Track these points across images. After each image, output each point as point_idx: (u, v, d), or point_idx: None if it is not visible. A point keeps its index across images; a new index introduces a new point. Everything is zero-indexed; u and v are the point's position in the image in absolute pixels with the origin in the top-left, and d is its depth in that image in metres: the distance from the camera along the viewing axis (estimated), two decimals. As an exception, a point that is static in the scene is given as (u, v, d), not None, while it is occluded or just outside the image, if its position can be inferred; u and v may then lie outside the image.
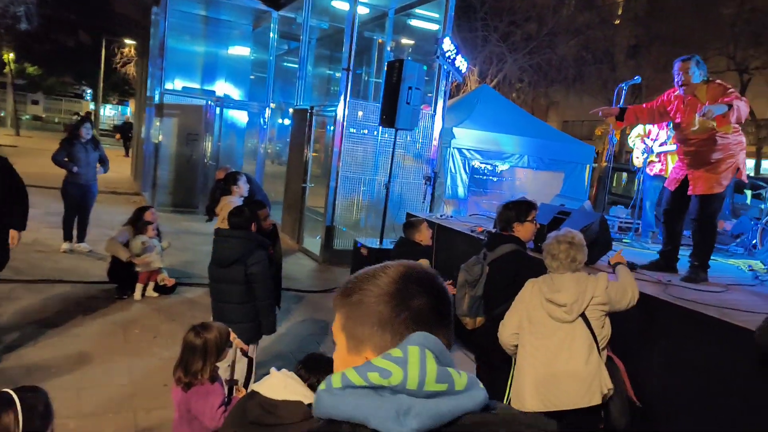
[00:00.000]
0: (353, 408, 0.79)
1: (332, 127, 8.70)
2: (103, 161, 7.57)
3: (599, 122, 26.48)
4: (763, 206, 8.50)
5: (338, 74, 11.63)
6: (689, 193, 4.51)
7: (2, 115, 31.18)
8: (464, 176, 10.20)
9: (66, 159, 7.14)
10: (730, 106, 3.93)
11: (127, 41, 28.11)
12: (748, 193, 10.18)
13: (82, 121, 7.55)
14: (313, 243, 9.01)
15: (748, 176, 10.85)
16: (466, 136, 10.13)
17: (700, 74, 4.36)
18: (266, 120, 12.62)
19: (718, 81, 4.38)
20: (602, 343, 2.93)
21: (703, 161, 4.41)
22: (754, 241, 6.26)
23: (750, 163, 20.63)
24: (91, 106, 32.98)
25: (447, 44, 8.23)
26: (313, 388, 2.27)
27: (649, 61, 19.76)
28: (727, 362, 2.98)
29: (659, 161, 6.75)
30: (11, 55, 31.27)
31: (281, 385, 2.16)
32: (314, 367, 2.30)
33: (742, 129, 4.58)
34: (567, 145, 11.52)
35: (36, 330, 4.65)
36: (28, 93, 34.82)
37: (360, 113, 8.70)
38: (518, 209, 3.52)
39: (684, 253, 4.83)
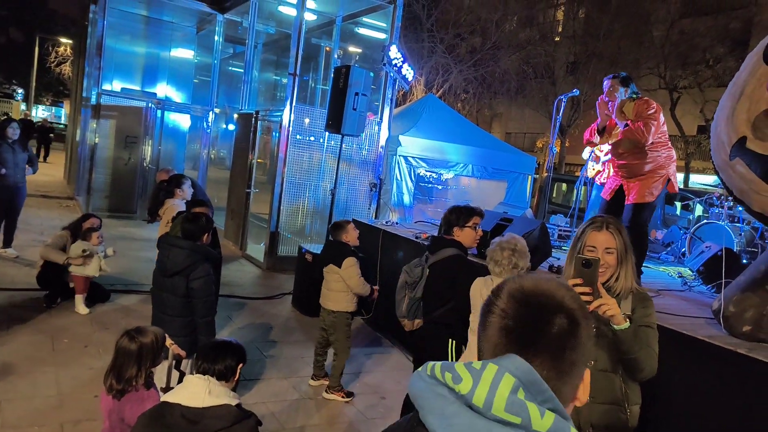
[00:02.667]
0: (418, 394, 0.85)
1: (278, 133, 8.60)
2: (32, 162, 7.20)
3: (540, 134, 27.40)
4: (691, 217, 9.01)
5: (284, 80, 11.51)
6: (626, 202, 4.73)
7: None
8: (410, 184, 10.29)
9: (-9, 160, 6.75)
10: (626, 125, 4.28)
11: (63, 40, 26.92)
12: (678, 204, 10.75)
13: (8, 121, 7.15)
14: (257, 249, 8.85)
15: (679, 188, 11.49)
16: (412, 144, 10.24)
17: (626, 91, 4.60)
18: (209, 124, 12.35)
19: (645, 98, 4.62)
20: None
21: (636, 172, 4.63)
22: (683, 250, 6.59)
23: (679, 176, 21.79)
24: (23, 107, 31.27)
25: (394, 52, 8.31)
26: (221, 375, 2.21)
27: (587, 77, 20.63)
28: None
29: (604, 170, 7.03)
30: (-67, 51, 29.41)
31: (204, 391, 2.08)
32: (214, 356, 2.25)
33: (672, 144, 4.85)
34: (510, 156, 11.83)
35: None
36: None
37: (306, 119, 8.64)
38: (458, 214, 3.55)
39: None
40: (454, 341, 3.33)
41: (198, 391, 2.08)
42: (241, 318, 5.90)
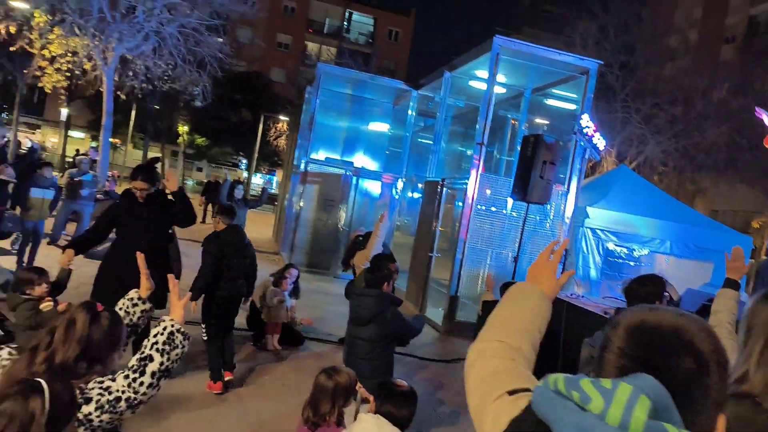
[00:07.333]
0: (547, 409, 0.82)
1: (461, 200, 8.86)
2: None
3: (756, 213, 24.04)
4: None
5: (469, 151, 11.91)
6: None
7: (171, 179, 35.64)
8: (597, 257, 9.73)
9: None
10: None
11: (282, 117, 31.34)
12: None
13: (236, 183, 8.47)
14: (436, 313, 9.00)
15: None
16: (600, 217, 9.75)
17: None
18: (398, 191, 13.15)
19: None
20: None
21: None
22: None
23: None
24: (245, 174, 36.67)
25: (585, 120, 8.15)
26: (403, 422, 2.29)
27: (819, 148, 17.85)
28: None
29: None
30: (185, 128, 36.12)
31: (375, 429, 2.20)
32: (401, 402, 2.34)
33: None
34: (717, 233, 10.58)
35: (182, 366, 5.09)
36: (195, 161, 39.62)
37: (491, 187, 8.79)
38: (656, 285, 3.20)
39: None
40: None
41: (370, 429, 2.21)
42: (419, 377, 6.00)
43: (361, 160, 13.98)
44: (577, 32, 20.48)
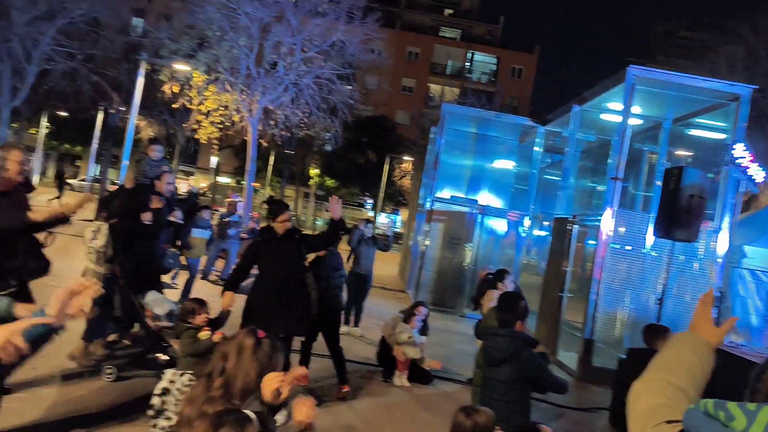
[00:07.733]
0: (695, 426, 0.97)
1: (594, 237, 8.43)
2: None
3: None
4: None
5: (600, 186, 11.33)
6: None
7: (303, 219, 37.88)
8: (758, 302, 8.70)
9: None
10: None
11: (406, 158, 32.23)
12: None
13: (367, 222, 8.80)
14: (569, 357, 8.52)
15: None
16: (761, 256, 8.75)
17: None
18: (525, 229, 12.81)
19: None
20: None
21: None
22: None
23: None
24: (370, 214, 37.98)
25: (740, 150, 7.44)
26: None
27: None
28: None
29: None
30: (316, 171, 38.37)
31: None
32: None
33: None
34: None
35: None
36: (324, 202, 41.82)
37: (627, 224, 8.27)
38: None
39: None
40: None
41: None
42: (552, 425, 5.68)
43: (486, 198, 13.88)
44: (722, 57, 18.93)
